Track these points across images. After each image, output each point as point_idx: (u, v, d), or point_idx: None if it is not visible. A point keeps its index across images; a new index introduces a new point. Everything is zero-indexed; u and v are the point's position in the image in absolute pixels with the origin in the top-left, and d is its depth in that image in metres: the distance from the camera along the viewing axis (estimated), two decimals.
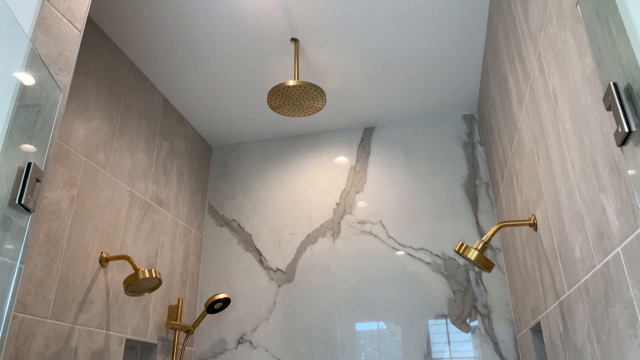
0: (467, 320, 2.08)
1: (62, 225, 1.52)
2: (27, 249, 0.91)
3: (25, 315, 1.34)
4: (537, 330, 1.67)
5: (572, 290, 1.14)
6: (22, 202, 0.88)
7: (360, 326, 2.16)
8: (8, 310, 0.84)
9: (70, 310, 1.51)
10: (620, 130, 0.69)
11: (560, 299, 1.25)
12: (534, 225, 1.47)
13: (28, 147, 0.95)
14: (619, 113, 0.69)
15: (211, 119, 2.47)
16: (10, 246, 0.86)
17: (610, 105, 0.71)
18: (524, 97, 1.45)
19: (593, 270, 0.98)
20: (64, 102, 1.09)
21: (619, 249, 0.85)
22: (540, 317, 1.52)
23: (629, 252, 0.80)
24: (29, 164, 0.92)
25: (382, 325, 2.15)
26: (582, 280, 1.06)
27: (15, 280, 0.87)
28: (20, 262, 0.88)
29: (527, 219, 1.54)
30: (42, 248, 1.43)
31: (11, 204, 0.87)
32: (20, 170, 0.91)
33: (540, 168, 1.33)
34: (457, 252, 1.42)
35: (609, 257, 0.89)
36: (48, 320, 1.42)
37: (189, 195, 2.40)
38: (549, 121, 1.20)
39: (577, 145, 1.01)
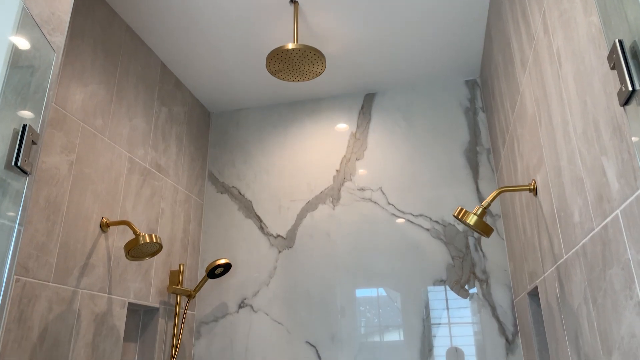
0: (466, 286, 2.10)
1: (61, 190, 1.52)
2: (26, 212, 0.91)
3: (28, 279, 1.35)
4: (534, 294, 1.69)
5: (569, 254, 1.15)
6: (19, 164, 0.87)
7: (360, 292, 2.19)
8: (8, 271, 0.85)
9: (72, 274, 1.53)
10: (623, 89, 0.67)
11: (558, 263, 1.26)
12: (534, 191, 1.46)
13: (23, 109, 0.94)
14: (623, 71, 0.67)
15: (210, 85, 2.44)
16: (8, 208, 0.86)
17: (614, 63, 0.70)
18: (527, 60, 1.42)
19: (591, 234, 0.98)
20: (58, 63, 1.07)
21: (618, 211, 0.84)
22: (537, 281, 1.53)
23: (628, 214, 0.80)
24: (24, 126, 0.91)
25: (382, 291, 2.17)
26: (580, 244, 1.06)
27: (15, 242, 0.88)
28: (19, 224, 0.88)
29: (527, 184, 1.54)
30: (42, 213, 1.43)
31: (7, 166, 0.86)
32: (15, 132, 0.90)
33: (542, 132, 1.32)
34: (457, 217, 1.42)
35: (608, 219, 0.89)
36: (50, 283, 1.43)
37: (189, 162, 2.39)
38: (552, 84, 1.18)
39: (580, 108, 1.00)
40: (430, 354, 2.04)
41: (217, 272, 2.09)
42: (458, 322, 2.07)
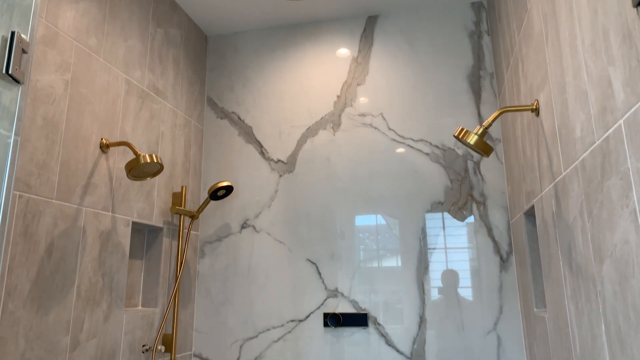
0: (463, 209, 2.14)
1: (58, 109, 1.50)
2: (21, 122, 0.90)
3: (31, 195, 1.37)
4: (530, 214, 1.72)
5: (568, 170, 1.15)
6: (10, 72, 0.85)
7: (360, 220, 2.23)
8: (8, 181, 0.85)
9: (74, 193, 1.55)
10: None
11: (556, 180, 1.27)
12: (536, 111, 1.44)
13: (10, 18, 0.90)
14: None
15: (206, 6, 2.34)
16: (2, 117, 0.85)
17: None
18: None
19: (592, 147, 0.98)
20: None
21: (621, 121, 0.83)
22: (534, 200, 1.55)
23: (631, 122, 0.79)
24: (13, 33, 0.88)
25: (381, 219, 2.21)
26: (580, 159, 1.06)
27: (12, 152, 0.87)
28: (15, 134, 0.88)
29: (530, 104, 1.52)
30: (41, 131, 1.42)
31: None
32: (4, 39, 0.87)
33: (548, 49, 1.28)
34: (457, 137, 1.41)
35: (610, 130, 0.88)
36: (54, 200, 1.46)
37: (187, 86, 2.35)
38: None
39: (590, 18, 0.96)
40: (426, 275, 2.11)
41: (219, 194, 2.12)
42: (455, 245, 2.12)
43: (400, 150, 2.26)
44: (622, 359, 0.89)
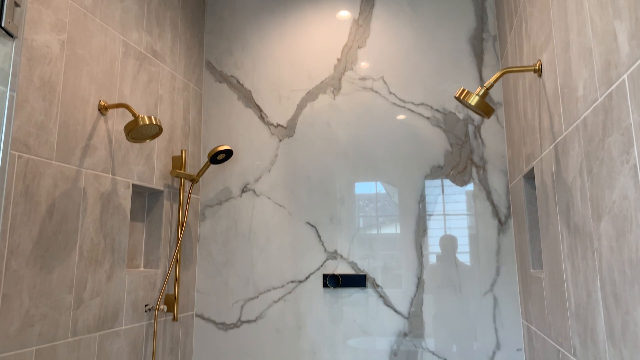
0: (463, 174, 2.14)
1: (55, 70, 1.48)
2: (16, 78, 0.89)
3: (30, 156, 1.37)
4: (529, 177, 1.72)
5: (569, 129, 1.14)
6: (2, 25, 0.84)
7: (359, 188, 2.23)
8: (5, 135, 0.85)
9: (74, 154, 1.54)
10: None
11: (557, 140, 1.26)
12: (538, 71, 1.43)
13: None
14: None
15: None
16: None
17: None
18: None
19: (594, 105, 0.97)
20: None
21: (625, 75, 0.82)
22: (534, 162, 1.55)
23: (635, 76, 0.78)
24: None
25: (380, 188, 2.21)
26: (581, 118, 1.05)
27: (8, 107, 0.87)
28: (10, 90, 0.87)
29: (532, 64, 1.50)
30: (38, 92, 1.41)
31: None
32: None
33: (553, 6, 1.25)
34: (458, 98, 1.40)
35: (613, 86, 0.87)
36: (53, 162, 1.45)
37: (185, 49, 2.31)
38: None
39: None
40: (425, 238, 2.13)
41: (219, 158, 2.11)
42: (453, 211, 2.13)
43: (401, 114, 2.24)
44: (616, 313, 0.90)
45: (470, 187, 2.12)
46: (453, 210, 2.13)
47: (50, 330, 1.42)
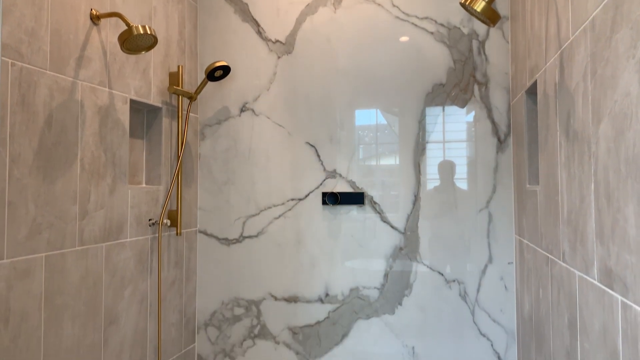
0: (464, 91, 2.11)
1: None
2: None
3: (24, 64, 1.34)
4: (531, 93, 1.70)
5: (577, 32, 1.11)
6: None
7: (360, 119, 2.20)
8: None
9: (68, 65, 1.51)
10: None
11: (563, 47, 1.23)
12: None
13: None
14: None
15: None
16: None
17: None
18: None
19: (605, 1, 0.94)
20: None
21: None
22: (537, 75, 1.52)
23: None
24: None
25: (381, 118, 2.19)
26: (590, 17, 1.02)
27: None
28: None
29: None
30: None
31: None
32: None
33: None
34: (463, 4, 1.35)
35: None
36: (48, 71, 1.43)
37: None
38: None
39: None
40: (423, 158, 2.14)
41: (216, 74, 2.07)
42: (453, 131, 2.12)
43: (404, 28, 2.17)
44: (607, 212, 0.93)
45: (471, 105, 2.10)
46: (453, 129, 2.12)
47: (58, 238, 1.46)
